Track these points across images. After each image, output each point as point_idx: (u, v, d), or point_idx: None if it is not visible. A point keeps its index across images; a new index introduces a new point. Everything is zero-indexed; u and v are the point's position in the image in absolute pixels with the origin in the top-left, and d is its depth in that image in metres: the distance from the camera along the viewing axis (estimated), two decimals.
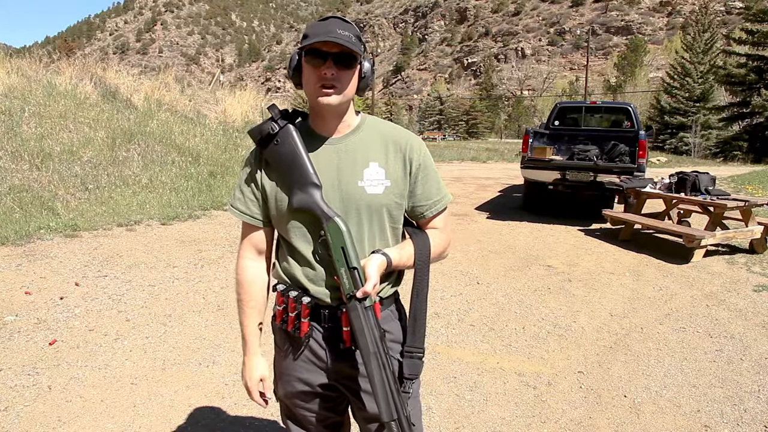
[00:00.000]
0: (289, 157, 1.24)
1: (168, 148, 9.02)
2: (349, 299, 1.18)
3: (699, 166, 15.25)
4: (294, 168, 1.23)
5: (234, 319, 3.75)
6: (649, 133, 8.32)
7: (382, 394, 1.16)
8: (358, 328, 1.17)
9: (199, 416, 2.57)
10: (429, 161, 1.35)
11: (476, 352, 3.35)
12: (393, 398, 1.16)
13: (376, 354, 1.17)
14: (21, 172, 6.78)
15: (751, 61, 26.68)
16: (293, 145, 1.24)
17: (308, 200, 1.21)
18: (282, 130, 1.25)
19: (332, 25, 1.20)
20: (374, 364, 1.17)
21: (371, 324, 1.18)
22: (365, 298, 1.17)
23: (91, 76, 10.34)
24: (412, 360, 1.28)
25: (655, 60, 60.96)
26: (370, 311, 1.18)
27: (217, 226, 6.55)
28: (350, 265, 1.18)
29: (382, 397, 1.16)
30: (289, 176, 1.24)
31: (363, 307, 1.17)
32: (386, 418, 1.15)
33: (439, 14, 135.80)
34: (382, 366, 1.17)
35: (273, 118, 1.26)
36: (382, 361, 1.17)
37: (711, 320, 3.91)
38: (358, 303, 1.17)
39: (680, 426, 2.55)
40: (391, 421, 1.15)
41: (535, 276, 4.99)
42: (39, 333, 3.42)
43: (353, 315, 1.18)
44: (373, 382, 1.17)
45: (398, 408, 1.17)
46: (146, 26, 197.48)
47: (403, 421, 1.16)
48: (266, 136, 1.25)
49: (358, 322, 1.17)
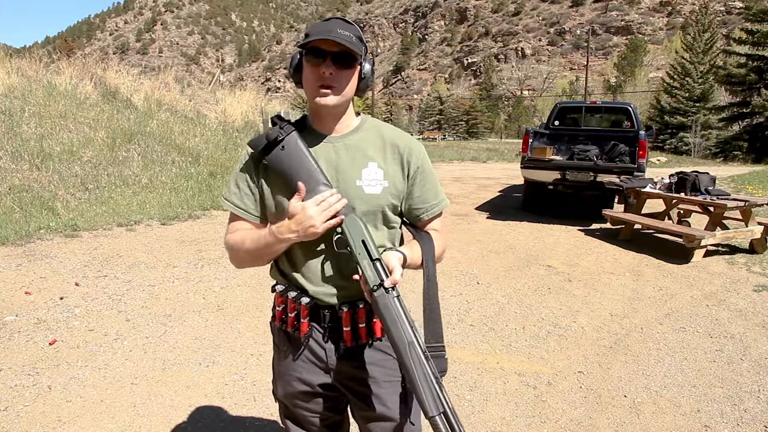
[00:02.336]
0: (295, 161, 1.23)
1: (168, 148, 9.02)
2: (375, 290, 1.14)
3: (699, 166, 15.24)
4: (301, 171, 1.22)
5: (234, 318, 3.76)
6: (649, 133, 8.32)
7: (427, 387, 1.10)
8: (391, 319, 1.13)
9: (199, 416, 2.57)
10: (428, 165, 1.35)
11: (476, 352, 3.35)
12: (438, 390, 1.11)
13: (413, 344, 1.13)
14: (21, 172, 6.78)
15: (751, 61, 26.69)
16: (299, 149, 1.23)
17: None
18: (288, 136, 1.24)
19: (333, 25, 1.20)
20: (413, 355, 1.12)
21: (404, 313, 1.14)
22: (393, 287, 1.15)
23: (91, 76, 10.34)
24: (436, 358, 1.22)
25: (655, 60, 60.93)
26: (399, 301, 1.15)
27: (217, 226, 6.54)
28: (373, 257, 1.16)
29: (427, 390, 1.10)
30: (297, 180, 1.22)
31: (392, 296, 1.14)
32: (434, 412, 1.09)
33: (439, 14, 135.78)
34: (422, 356, 1.12)
35: (279, 125, 1.25)
36: (420, 350, 1.13)
37: (711, 320, 3.91)
38: (386, 293, 1.14)
39: (680, 426, 2.55)
40: (439, 414, 1.09)
41: (535, 276, 4.99)
42: (39, 333, 3.42)
43: (383, 305, 1.14)
44: (414, 374, 1.11)
45: (444, 400, 1.11)
46: (146, 26, 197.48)
47: (450, 414, 1.10)
48: (273, 141, 1.23)
49: (390, 312, 1.13)
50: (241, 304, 4.05)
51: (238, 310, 3.93)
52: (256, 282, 4.50)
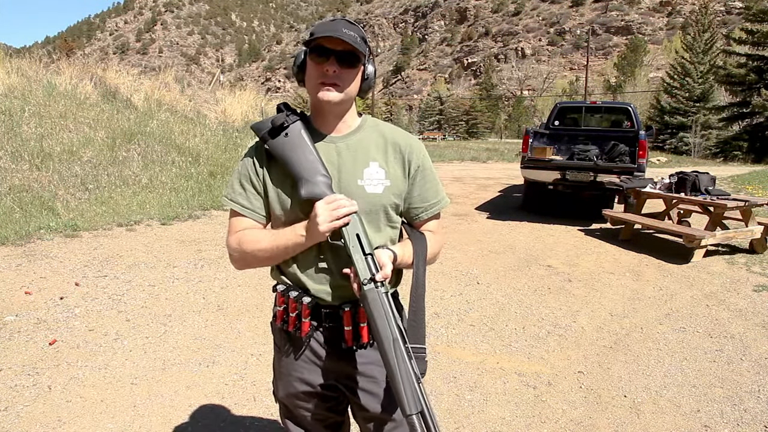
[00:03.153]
0: (298, 149, 1.23)
1: (168, 148, 9.02)
2: (366, 283, 1.14)
3: (699, 166, 15.24)
4: (303, 160, 1.23)
5: (234, 319, 3.76)
6: (649, 133, 8.32)
7: (408, 385, 1.09)
8: (378, 314, 1.13)
9: (199, 416, 2.57)
10: (428, 164, 1.35)
11: (476, 352, 3.35)
12: (419, 388, 1.10)
13: (398, 341, 1.12)
14: (21, 172, 6.78)
15: (751, 61, 26.70)
16: (302, 138, 1.25)
17: (316, 191, 1.21)
18: (292, 124, 1.25)
19: (338, 25, 1.21)
20: (397, 352, 1.11)
21: (390, 309, 1.14)
22: (383, 284, 1.15)
23: (91, 76, 10.34)
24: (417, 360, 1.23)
25: (655, 60, 60.94)
26: (387, 296, 1.15)
27: (217, 226, 6.54)
28: (365, 252, 1.17)
29: (408, 388, 1.09)
30: (297, 167, 1.23)
31: (381, 292, 1.15)
32: (413, 410, 1.08)
33: (439, 14, 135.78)
34: (405, 354, 1.12)
35: (285, 113, 1.27)
36: (404, 348, 1.12)
37: (711, 320, 3.91)
38: (375, 288, 1.14)
39: (680, 426, 2.55)
40: (417, 413, 1.08)
41: (535, 276, 4.99)
42: (39, 333, 3.42)
43: (371, 298, 1.14)
44: (395, 371, 1.10)
45: (423, 400, 1.10)
46: (146, 26, 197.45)
47: (427, 414, 1.09)
48: (279, 126, 1.24)
49: (377, 307, 1.13)
50: (241, 304, 4.05)
51: (238, 310, 3.93)
52: (256, 282, 4.50)
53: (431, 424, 1.09)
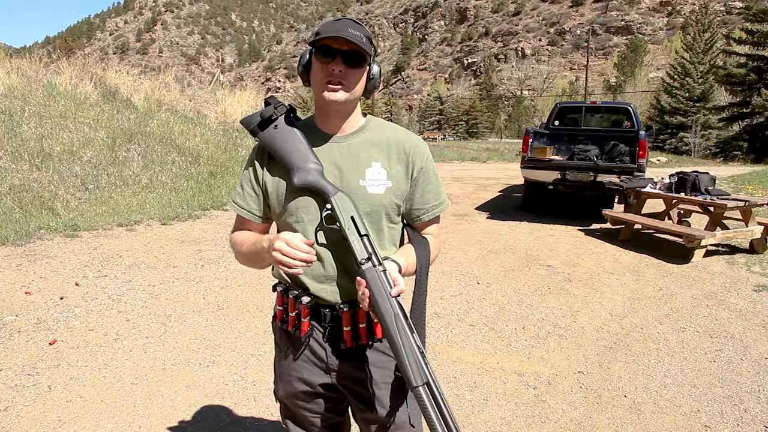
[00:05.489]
0: (288, 140, 1.26)
1: (168, 148, 9.02)
2: (363, 263, 1.15)
3: (699, 166, 15.24)
4: (293, 149, 1.25)
5: (234, 319, 3.76)
6: (650, 133, 8.33)
7: (412, 357, 1.10)
8: (378, 292, 1.13)
9: (199, 416, 2.57)
10: (431, 166, 1.35)
11: (476, 352, 3.35)
12: (422, 361, 1.11)
13: (398, 315, 1.12)
14: (21, 172, 6.78)
15: (751, 61, 26.71)
16: (291, 130, 1.27)
17: (309, 177, 1.22)
18: (281, 117, 1.28)
19: (344, 25, 1.21)
20: (399, 326, 1.11)
21: (389, 287, 1.14)
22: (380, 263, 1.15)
23: (91, 76, 10.33)
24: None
25: (655, 60, 60.91)
26: (385, 274, 1.15)
27: (217, 226, 6.54)
28: (361, 233, 1.18)
29: (412, 361, 1.10)
30: (289, 157, 1.24)
31: (379, 270, 1.14)
32: (419, 381, 1.09)
33: (439, 14, 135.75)
34: (407, 329, 1.12)
35: (273, 105, 1.29)
36: (406, 323, 1.13)
37: (711, 320, 3.90)
38: (373, 267, 1.15)
39: (680, 426, 2.55)
40: (423, 384, 1.09)
41: (535, 276, 4.99)
42: (39, 333, 3.42)
43: (370, 276, 1.14)
44: (399, 345, 1.10)
45: (428, 372, 1.10)
46: (146, 26, 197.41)
47: (433, 384, 1.10)
48: (267, 119, 1.27)
49: (376, 284, 1.13)
50: (241, 304, 4.05)
51: (238, 310, 3.93)
52: (256, 282, 4.50)
53: (437, 395, 1.10)
